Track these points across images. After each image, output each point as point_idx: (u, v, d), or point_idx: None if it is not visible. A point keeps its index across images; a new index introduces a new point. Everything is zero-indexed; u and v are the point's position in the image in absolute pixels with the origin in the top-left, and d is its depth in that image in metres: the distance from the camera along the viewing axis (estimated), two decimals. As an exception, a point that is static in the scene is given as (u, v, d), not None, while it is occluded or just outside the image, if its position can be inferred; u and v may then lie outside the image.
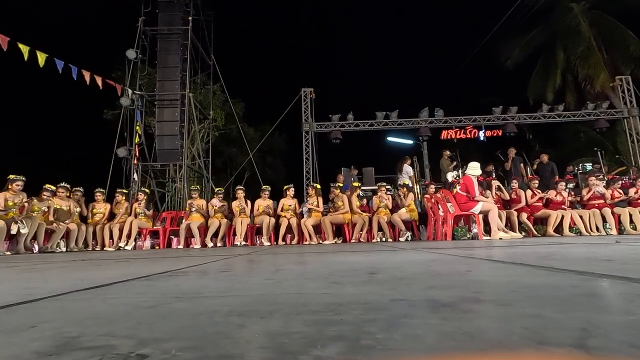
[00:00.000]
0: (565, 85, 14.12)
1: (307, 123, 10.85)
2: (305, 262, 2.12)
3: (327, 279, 1.25)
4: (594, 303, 0.69)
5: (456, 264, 1.66)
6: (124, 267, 2.24)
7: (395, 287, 1.00)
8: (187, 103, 8.77)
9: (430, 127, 10.32)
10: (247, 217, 6.91)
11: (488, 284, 1.01)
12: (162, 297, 0.95)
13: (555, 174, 8.40)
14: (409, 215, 6.71)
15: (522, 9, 12.52)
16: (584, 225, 6.39)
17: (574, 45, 13.48)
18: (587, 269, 1.20)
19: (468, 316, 0.63)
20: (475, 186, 5.63)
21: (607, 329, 0.51)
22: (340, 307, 0.75)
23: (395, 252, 2.77)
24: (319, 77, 23.77)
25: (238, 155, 15.81)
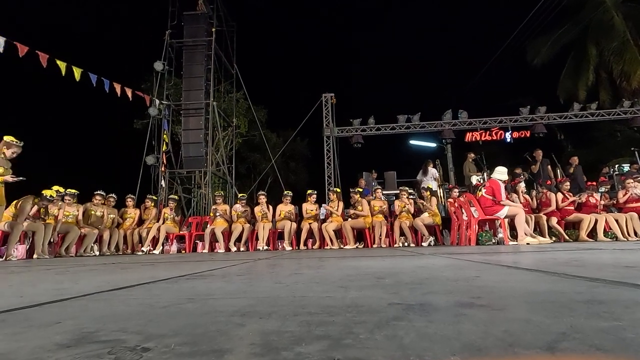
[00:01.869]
0: (599, 82, 13.45)
1: (328, 128, 10.93)
2: (320, 267, 2.16)
3: (334, 283, 1.29)
4: (588, 309, 0.69)
5: (468, 269, 1.64)
6: (149, 270, 2.36)
7: (397, 292, 1.02)
8: (212, 111, 9.07)
9: (453, 130, 10.13)
10: (269, 222, 7.03)
11: (490, 290, 1.01)
12: (176, 298, 1.02)
13: None
14: (431, 220, 6.60)
15: (549, 5, 12.09)
16: (620, 230, 6.06)
17: (607, 40, 12.84)
18: (601, 276, 1.17)
19: (455, 320, 0.64)
20: (502, 190, 5.48)
21: (586, 333, 0.52)
22: (336, 309, 0.78)
23: (412, 258, 2.76)
24: (340, 82, 23.91)
25: (261, 161, 16.13)
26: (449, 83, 23.84)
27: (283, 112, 20.23)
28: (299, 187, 16.33)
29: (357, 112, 11.02)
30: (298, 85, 24.70)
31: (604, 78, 13.39)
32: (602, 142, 13.80)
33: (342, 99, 11.37)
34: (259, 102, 16.27)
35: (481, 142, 10.05)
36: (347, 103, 11.94)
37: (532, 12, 12.12)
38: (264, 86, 20.13)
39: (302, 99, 14.01)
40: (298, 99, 19.72)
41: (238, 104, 12.61)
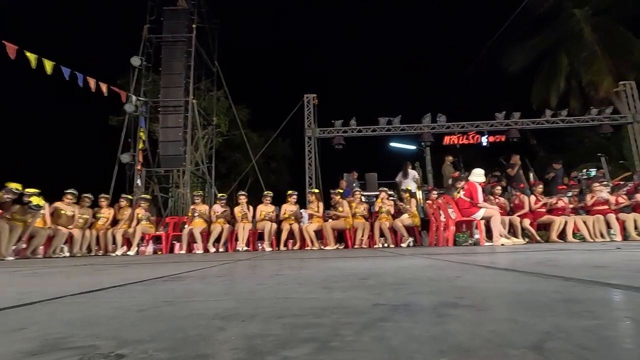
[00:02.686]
0: (569, 90, 14.07)
1: (309, 129, 10.91)
2: (302, 268, 2.14)
3: (318, 284, 1.27)
4: (569, 309, 0.71)
5: (448, 269, 1.67)
6: (123, 272, 2.27)
7: (382, 293, 1.02)
8: (191, 109, 8.87)
9: (432, 133, 10.32)
10: (249, 222, 6.93)
11: (472, 290, 1.02)
12: (153, 301, 0.98)
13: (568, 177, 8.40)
14: (411, 221, 6.69)
15: (525, 14, 12.55)
16: (588, 231, 6.34)
17: (577, 50, 13.46)
18: (575, 276, 1.21)
19: (441, 320, 0.64)
20: (479, 192, 5.62)
21: (570, 332, 0.53)
22: (322, 311, 0.77)
23: (393, 258, 2.78)
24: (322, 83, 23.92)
25: (242, 160, 15.92)
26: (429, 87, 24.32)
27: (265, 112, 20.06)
28: (281, 188, 16.20)
29: (339, 114, 11.04)
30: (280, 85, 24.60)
31: (574, 86, 14.02)
32: (572, 147, 14.43)
33: (324, 100, 11.38)
34: (240, 101, 16.06)
35: (459, 146, 10.29)
36: (329, 104, 11.95)
37: (507, 22, 12.56)
38: (246, 85, 19.88)
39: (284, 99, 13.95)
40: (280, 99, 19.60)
41: (219, 103, 12.40)
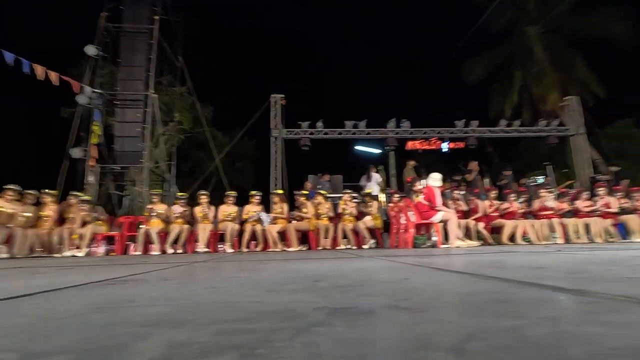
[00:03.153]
0: (522, 102, 15.04)
1: (276, 129, 10.82)
2: (258, 270, 2.10)
3: (268, 287, 1.24)
4: (499, 309, 0.73)
5: (400, 271, 1.70)
6: (64, 275, 2.11)
7: (329, 295, 1.01)
8: (151, 104, 8.48)
9: (396, 138, 10.60)
10: (211, 223, 6.74)
11: (418, 291, 1.04)
12: (83, 308, 0.90)
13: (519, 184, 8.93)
14: (373, 223, 6.82)
15: (483, 29, 13.26)
16: (535, 235, 6.78)
17: (529, 65, 14.44)
18: (515, 277, 1.28)
19: (377, 323, 0.64)
20: (437, 196, 5.83)
21: (492, 333, 0.55)
22: (262, 315, 0.74)
23: (352, 260, 2.80)
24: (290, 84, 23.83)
25: (206, 159, 15.45)
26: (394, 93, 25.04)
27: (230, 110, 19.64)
28: (246, 188, 15.89)
29: (306, 115, 11.05)
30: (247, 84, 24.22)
31: (526, 99, 15.02)
32: (523, 156, 15.44)
33: (292, 101, 11.35)
34: (205, 98, 15.59)
35: (421, 151, 10.64)
36: (296, 105, 11.92)
37: (466, 36, 13.23)
38: (211, 83, 19.37)
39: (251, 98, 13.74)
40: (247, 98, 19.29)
41: (182, 99, 11.96)
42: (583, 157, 10.61)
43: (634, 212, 6.88)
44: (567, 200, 7.36)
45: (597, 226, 6.78)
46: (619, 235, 6.76)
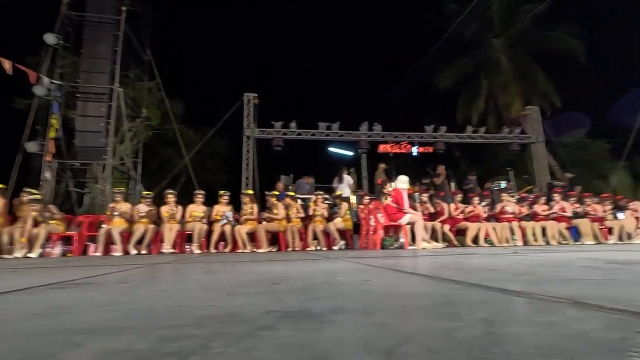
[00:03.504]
0: (488, 110, 15.75)
1: (248, 128, 10.69)
2: (220, 272, 2.06)
3: (225, 290, 1.23)
4: (441, 311, 0.77)
5: (363, 273, 1.73)
6: (10, 278, 1.98)
7: (283, 298, 1.01)
8: (116, 98, 8.12)
9: (368, 140, 10.77)
10: (178, 223, 6.55)
11: (372, 294, 1.06)
12: (19, 315, 0.85)
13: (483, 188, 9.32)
14: (343, 225, 6.88)
15: (453, 39, 13.75)
16: (497, 237, 7.11)
17: (495, 75, 15.15)
18: (467, 279, 1.33)
19: (321, 327, 0.65)
20: (405, 198, 5.97)
21: (426, 335, 0.57)
22: (208, 320, 0.73)
23: (318, 262, 2.82)
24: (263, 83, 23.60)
25: (175, 157, 14.98)
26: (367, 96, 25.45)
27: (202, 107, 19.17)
28: (216, 187, 15.56)
29: (280, 115, 10.99)
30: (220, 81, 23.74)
31: (492, 107, 15.75)
32: (487, 161, 16.13)
33: (265, 100, 11.25)
34: (175, 94, 15.14)
35: (392, 154, 10.87)
36: (270, 105, 11.83)
37: (435, 46, 13.68)
38: (182, 78, 18.79)
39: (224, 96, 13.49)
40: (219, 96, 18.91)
41: (150, 94, 11.54)
42: (542, 163, 11.24)
43: (585, 216, 7.38)
44: (526, 205, 7.77)
45: (553, 229, 7.21)
46: (572, 238, 7.23)
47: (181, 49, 20.49)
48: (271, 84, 23.60)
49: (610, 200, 7.76)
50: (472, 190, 8.85)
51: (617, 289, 1.02)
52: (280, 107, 18.23)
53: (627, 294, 0.93)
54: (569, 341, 0.52)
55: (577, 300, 0.83)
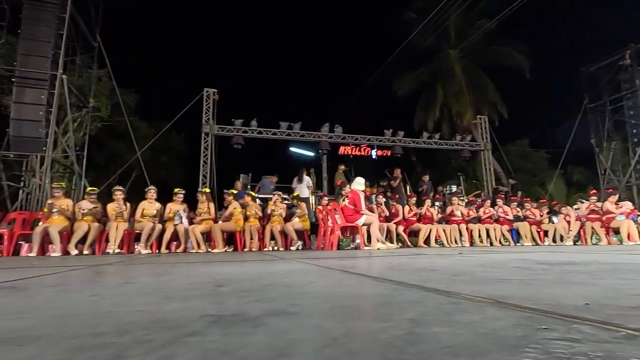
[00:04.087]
0: (442, 117, 16.57)
1: (207, 125, 10.36)
2: (165, 274, 1.97)
3: (164, 294, 1.18)
4: (374, 312, 0.79)
5: (311, 274, 1.74)
6: None
7: (223, 301, 0.99)
8: (60, 85, 7.48)
9: (329, 142, 10.87)
10: (126, 221, 6.18)
11: (314, 295, 1.07)
12: None
13: (436, 192, 9.76)
14: (301, 225, 6.89)
15: (412, 47, 14.31)
16: (446, 238, 7.49)
17: (449, 85, 15.99)
18: (407, 279, 1.39)
19: (253, 331, 0.64)
20: (362, 200, 6.10)
21: (353, 337, 0.59)
22: (134, 326, 0.70)
23: (270, 263, 2.79)
24: (224, 79, 23.03)
25: (126, 151, 14.13)
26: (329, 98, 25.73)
27: (158, 100, 18.27)
28: (171, 184, 14.93)
29: (240, 113, 10.77)
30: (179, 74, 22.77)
31: (446, 115, 16.60)
32: (441, 166, 16.98)
33: (225, 96, 10.97)
34: (128, 84, 14.30)
35: (352, 156, 11.07)
36: (230, 102, 11.56)
37: (394, 53, 14.15)
38: (137, 68, 17.80)
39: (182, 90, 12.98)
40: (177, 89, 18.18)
41: (100, 83, 10.78)
42: (489, 170, 12.03)
43: (524, 220, 8.00)
44: (473, 208, 8.27)
45: (496, 231, 7.74)
46: (513, 239, 7.81)
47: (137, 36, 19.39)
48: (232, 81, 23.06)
49: (547, 205, 8.48)
50: (425, 192, 9.25)
51: (537, 289, 1.11)
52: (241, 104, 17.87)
53: (544, 293, 1.02)
54: (479, 340, 0.55)
55: (499, 300, 0.89)
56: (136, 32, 19.28)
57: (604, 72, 13.42)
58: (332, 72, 26.49)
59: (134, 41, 19.02)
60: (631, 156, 12.48)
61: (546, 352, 0.49)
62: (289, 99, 24.03)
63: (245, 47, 27.41)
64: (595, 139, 13.48)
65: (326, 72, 27.48)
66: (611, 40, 16.33)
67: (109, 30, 9.73)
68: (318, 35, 27.02)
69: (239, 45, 27.54)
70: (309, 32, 27.44)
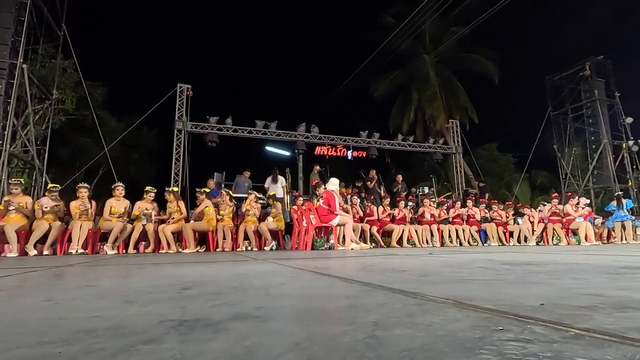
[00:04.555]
0: (417, 120, 16.97)
1: (180, 121, 10.09)
2: (129, 276, 1.90)
3: (125, 297, 1.13)
4: (340, 315, 0.79)
5: (281, 276, 1.73)
6: None
7: (186, 305, 0.96)
8: (19, 75, 7.04)
9: (306, 142, 10.86)
10: (90, 220, 5.90)
11: (281, 298, 1.06)
12: None
13: (409, 193, 9.96)
14: (276, 225, 6.84)
15: (387, 51, 14.56)
16: (418, 239, 7.66)
17: (424, 89, 16.40)
18: (375, 281, 1.40)
19: (213, 337, 0.63)
20: (336, 200, 6.13)
21: (315, 342, 0.58)
22: (86, 334, 0.66)
23: (241, 264, 2.75)
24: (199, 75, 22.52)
25: (93, 147, 13.51)
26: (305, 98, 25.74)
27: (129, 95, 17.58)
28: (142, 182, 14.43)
29: (215, 110, 10.57)
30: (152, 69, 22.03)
31: (420, 118, 17.02)
32: (415, 168, 17.38)
33: (200, 93, 10.73)
34: (96, 77, 13.71)
35: (327, 157, 11.11)
36: (205, 99, 11.31)
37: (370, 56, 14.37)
38: (107, 61, 17.07)
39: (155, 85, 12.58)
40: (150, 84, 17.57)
41: (65, 75, 10.26)
42: (460, 172, 12.42)
43: (492, 221, 8.32)
44: (444, 209, 8.51)
45: (465, 232, 8.00)
46: (481, 240, 8.10)
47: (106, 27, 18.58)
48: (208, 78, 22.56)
49: (512, 207, 8.86)
50: (398, 194, 9.42)
51: (498, 289, 1.15)
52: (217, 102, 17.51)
53: (504, 294, 1.06)
54: (437, 342, 0.56)
55: (461, 301, 0.92)
56: (106, 23, 18.45)
57: (566, 82, 14.23)
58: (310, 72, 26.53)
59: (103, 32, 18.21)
60: (589, 162, 13.27)
61: (500, 354, 0.50)
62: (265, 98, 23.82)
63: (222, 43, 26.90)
64: (558, 145, 14.27)
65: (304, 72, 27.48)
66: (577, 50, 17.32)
67: (75, 19, 9.27)
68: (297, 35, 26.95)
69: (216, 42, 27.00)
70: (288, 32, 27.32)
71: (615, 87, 13.32)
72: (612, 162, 12.76)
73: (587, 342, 0.56)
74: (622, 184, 12.60)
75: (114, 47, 19.13)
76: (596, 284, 1.24)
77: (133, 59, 22.33)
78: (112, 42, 19.35)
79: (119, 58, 20.13)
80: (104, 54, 17.22)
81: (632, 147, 12.71)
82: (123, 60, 20.35)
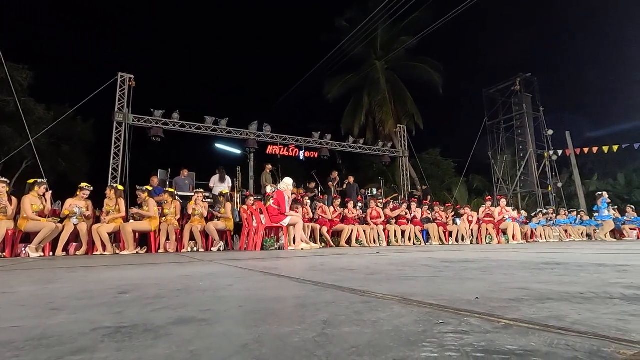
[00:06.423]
0: (367, 124, 17.53)
1: (121, 113, 9.39)
2: (56, 281, 1.72)
3: (50, 304, 1.02)
4: (290, 315, 0.79)
5: (229, 277, 1.68)
6: None
7: (123, 311, 0.89)
8: None
9: (257, 141, 10.68)
10: (10, 219, 5.25)
11: (228, 300, 1.03)
12: None
13: (359, 194, 10.20)
14: (224, 225, 6.63)
15: (341, 54, 14.86)
16: (366, 238, 7.91)
17: (375, 93, 17.01)
18: (325, 280, 1.42)
19: (153, 343, 0.59)
20: (286, 201, 6.10)
21: (263, 343, 0.57)
22: (4, 346, 0.58)
23: (186, 265, 2.62)
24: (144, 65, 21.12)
25: (15, 137, 12.05)
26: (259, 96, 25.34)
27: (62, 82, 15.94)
28: (74, 178, 13.16)
29: (161, 103, 10.01)
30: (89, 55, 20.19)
31: (370, 121, 17.62)
32: (365, 170, 17.93)
33: (144, 85, 10.06)
34: (21, 59, 12.26)
35: (280, 156, 11.03)
36: (150, 91, 10.63)
37: (324, 59, 14.59)
38: (35, 42, 15.30)
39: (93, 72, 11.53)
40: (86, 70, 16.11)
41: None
42: (406, 175, 13.05)
43: (434, 221, 8.85)
44: (391, 210, 8.88)
45: (410, 232, 8.42)
46: (423, 240, 8.58)
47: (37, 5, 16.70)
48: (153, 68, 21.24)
49: (452, 209, 9.51)
50: (350, 194, 9.65)
51: (438, 285, 1.23)
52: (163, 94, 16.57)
53: (443, 290, 1.13)
54: (382, 337, 0.58)
55: (406, 298, 0.96)
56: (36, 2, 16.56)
57: (500, 95, 15.64)
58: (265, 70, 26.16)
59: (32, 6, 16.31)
60: (517, 168, 14.72)
61: (440, 346, 0.53)
62: (216, 94, 23.00)
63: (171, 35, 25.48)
64: (492, 152, 15.63)
65: (258, 70, 27.01)
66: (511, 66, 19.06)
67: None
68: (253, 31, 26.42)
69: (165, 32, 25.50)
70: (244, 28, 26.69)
71: (540, 102, 14.95)
72: (536, 169, 14.28)
73: (515, 331, 0.61)
74: (543, 189, 14.17)
75: (44, 27, 17.21)
76: (521, 278, 1.38)
77: (67, 42, 20.30)
78: (42, 20, 17.40)
79: (51, 39, 18.16)
80: (31, 33, 15.38)
81: (552, 157, 14.35)
82: (55, 43, 18.40)
